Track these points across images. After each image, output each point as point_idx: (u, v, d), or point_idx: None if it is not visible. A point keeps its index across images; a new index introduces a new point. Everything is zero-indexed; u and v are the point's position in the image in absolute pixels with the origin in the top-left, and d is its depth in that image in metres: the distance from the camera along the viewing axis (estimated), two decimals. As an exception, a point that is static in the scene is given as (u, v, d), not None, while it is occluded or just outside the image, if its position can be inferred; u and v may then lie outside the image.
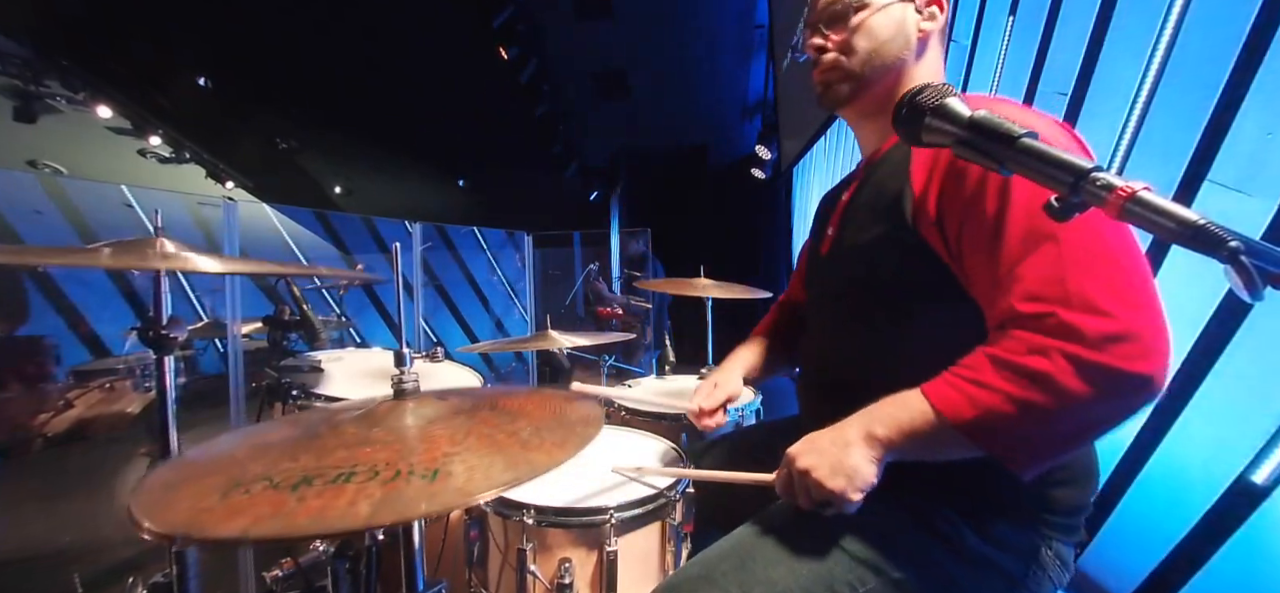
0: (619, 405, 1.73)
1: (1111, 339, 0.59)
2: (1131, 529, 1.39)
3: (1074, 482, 0.79)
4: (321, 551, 1.21)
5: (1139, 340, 0.59)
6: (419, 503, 0.53)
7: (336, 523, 0.50)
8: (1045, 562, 0.78)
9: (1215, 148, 1.20)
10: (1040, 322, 0.62)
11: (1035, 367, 0.61)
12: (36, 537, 2.38)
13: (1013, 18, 2.00)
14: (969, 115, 0.56)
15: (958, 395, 0.66)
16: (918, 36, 0.88)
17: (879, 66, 0.88)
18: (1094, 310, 0.59)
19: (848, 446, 0.71)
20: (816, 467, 0.72)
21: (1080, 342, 0.59)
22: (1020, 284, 0.64)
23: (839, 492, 0.70)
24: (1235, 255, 0.40)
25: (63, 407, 2.88)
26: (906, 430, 0.69)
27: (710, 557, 0.81)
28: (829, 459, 0.72)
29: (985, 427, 0.64)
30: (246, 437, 0.71)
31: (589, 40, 6.11)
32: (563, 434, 0.67)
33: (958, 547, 0.77)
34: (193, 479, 0.59)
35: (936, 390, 0.68)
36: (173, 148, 6.34)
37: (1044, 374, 0.60)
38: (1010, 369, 0.63)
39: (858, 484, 0.70)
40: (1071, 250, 0.62)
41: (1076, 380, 0.59)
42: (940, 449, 0.69)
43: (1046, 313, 0.61)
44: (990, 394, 0.63)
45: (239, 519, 0.50)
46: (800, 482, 0.74)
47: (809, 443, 0.76)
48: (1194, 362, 1.22)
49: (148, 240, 0.97)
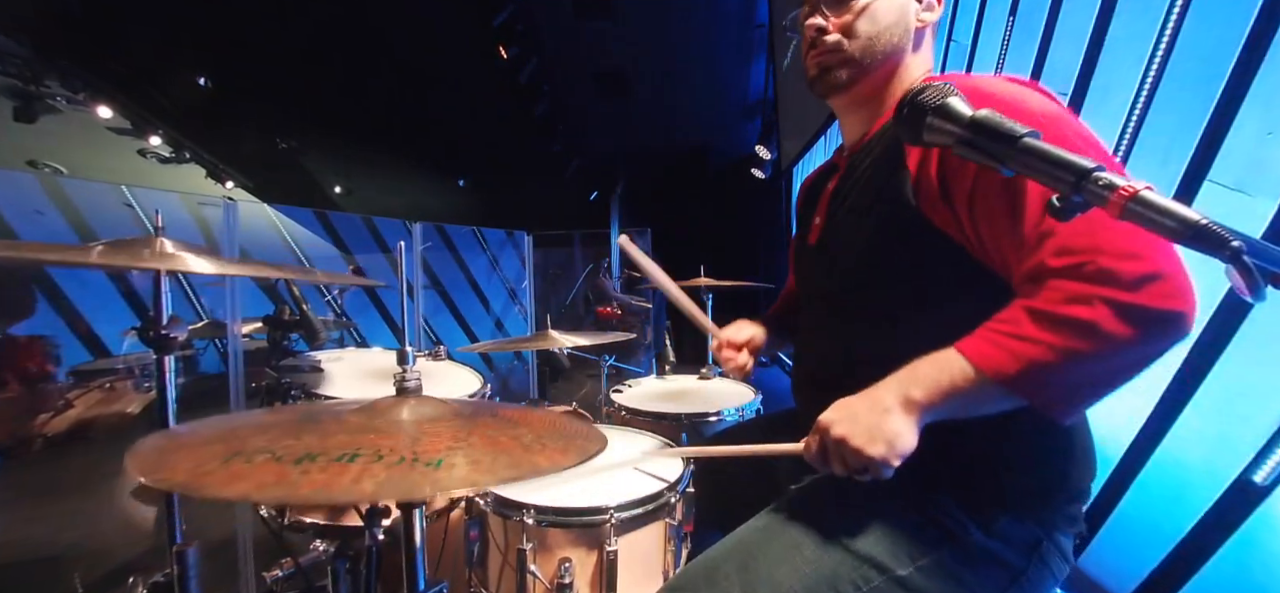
0: (620, 407, 1.73)
1: (1147, 279, 0.60)
2: (1131, 529, 1.39)
3: (1069, 475, 0.79)
4: (322, 551, 1.21)
5: (1171, 278, 0.60)
6: (424, 486, 0.54)
7: (341, 496, 0.50)
8: (1046, 554, 0.78)
9: (1215, 148, 1.20)
10: (1077, 270, 0.62)
11: (1078, 315, 0.62)
12: (37, 537, 2.38)
13: (1013, 18, 2.00)
14: (970, 114, 0.56)
15: (999, 352, 0.66)
16: (916, 27, 0.88)
17: (878, 53, 0.87)
18: (1126, 255, 0.61)
19: (887, 411, 0.70)
20: (853, 434, 0.71)
21: (1118, 285, 0.60)
22: (1052, 239, 0.65)
23: (879, 458, 0.69)
24: (1237, 255, 0.40)
25: (63, 407, 2.87)
26: (946, 391, 0.68)
27: (713, 557, 0.80)
28: (865, 424, 0.71)
29: (1030, 379, 0.65)
30: (243, 419, 0.72)
31: (589, 40, 6.11)
32: (564, 443, 0.67)
33: (961, 542, 0.77)
34: (190, 447, 0.59)
35: (975, 348, 0.67)
36: (173, 148, 6.33)
37: (1088, 322, 0.61)
38: (1052, 320, 0.63)
39: (898, 449, 0.69)
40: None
41: (1119, 324, 0.60)
42: (982, 405, 0.69)
43: (1082, 262, 0.62)
44: (1033, 347, 0.64)
45: (240, 484, 0.50)
46: (836, 449, 0.73)
47: (844, 408, 0.74)
48: (1194, 362, 1.22)
49: (148, 240, 0.97)
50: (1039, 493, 0.78)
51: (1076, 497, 0.81)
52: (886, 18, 0.86)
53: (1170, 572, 1.27)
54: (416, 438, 0.63)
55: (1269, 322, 1.08)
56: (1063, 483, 0.79)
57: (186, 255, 0.96)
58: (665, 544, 1.15)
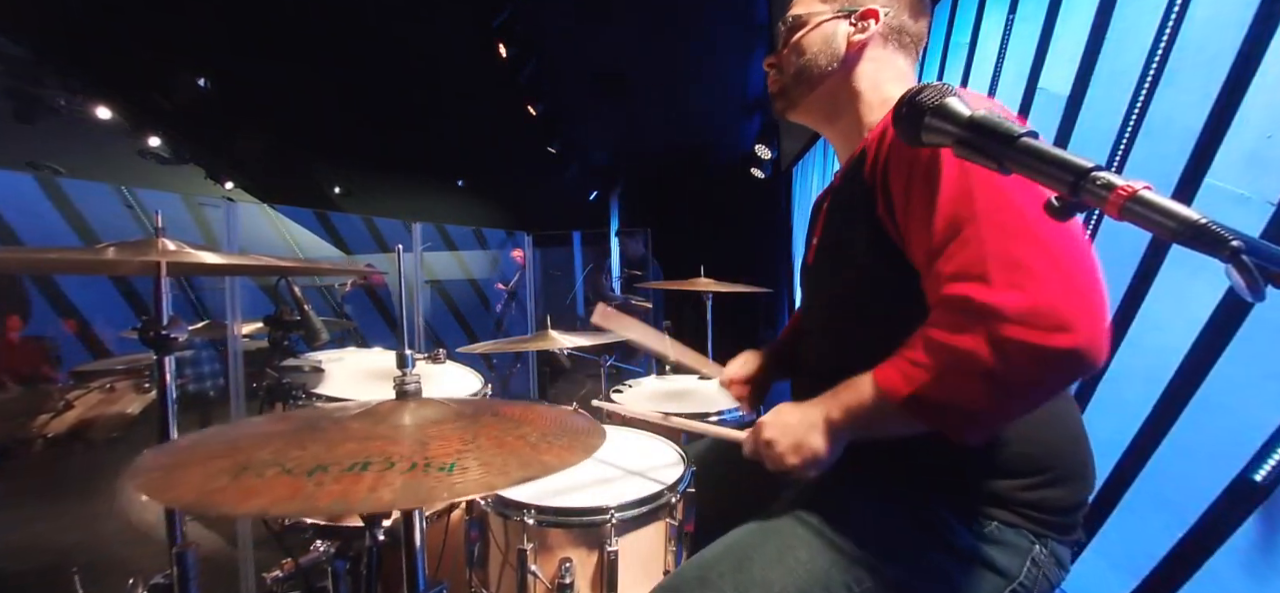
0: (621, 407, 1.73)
1: (1029, 315, 0.60)
2: (1131, 529, 1.39)
3: (1064, 481, 0.80)
4: (322, 551, 1.21)
5: (1058, 314, 0.59)
6: (440, 491, 0.54)
7: (359, 507, 0.50)
8: (1040, 561, 0.78)
9: (1215, 148, 1.20)
10: (963, 301, 0.64)
11: (958, 344, 0.63)
12: (37, 537, 2.39)
13: (1012, 17, 2.00)
14: (969, 115, 0.56)
15: (896, 374, 0.69)
16: (848, 47, 0.93)
17: (805, 78, 0.95)
18: (1012, 286, 0.61)
19: (812, 428, 0.77)
20: (779, 441, 0.79)
21: (999, 319, 0.61)
22: (947, 262, 0.66)
23: (795, 467, 0.77)
24: (1237, 255, 0.40)
25: (63, 407, 2.87)
26: (855, 411, 0.73)
27: (708, 557, 0.81)
28: (792, 437, 0.78)
29: (921, 403, 0.67)
30: (243, 429, 0.71)
31: (589, 40, 6.11)
32: (568, 440, 0.68)
33: (952, 546, 0.77)
34: (194, 463, 0.58)
35: (882, 371, 0.71)
36: (173, 148, 6.33)
37: (966, 352, 0.62)
38: (937, 347, 0.65)
39: (815, 464, 0.77)
40: (991, 228, 0.64)
41: (996, 357, 0.61)
42: (888, 426, 0.72)
43: (967, 292, 0.63)
44: (921, 372, 0.66)
45: (255, 500, 0.50)
46: (764, 451, 0.81)
47: (777, 415, 0.82)
48: (1194, 361, 1.22)
49: (148, 241, 0.97)
50: (1034, 503, 0.78)
51: (1072, 508, 0.81)
52: (811, 47, 0.95)
53: (1171, 572, 1.27)
54: (424, 443, 0.63)
55: (1269, 321, 1.08)
56: (1058, 495, 0.79)
57: (187, 255, 0.96)
58: (666, 544, 1.15)
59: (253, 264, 1.17)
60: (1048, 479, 0.78)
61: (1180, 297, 1.27)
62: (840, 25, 0.93)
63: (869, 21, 0.92)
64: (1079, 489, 0.81)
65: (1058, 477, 0.79)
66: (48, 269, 3.38)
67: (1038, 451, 0.79)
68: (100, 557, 2.18)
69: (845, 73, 0.94)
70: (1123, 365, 1.41)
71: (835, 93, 0.95)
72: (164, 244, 0.95)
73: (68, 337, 3.99)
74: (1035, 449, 0.78)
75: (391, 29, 5.47)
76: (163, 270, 0.93)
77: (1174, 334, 1.26)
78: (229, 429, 0.71)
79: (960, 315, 0.63)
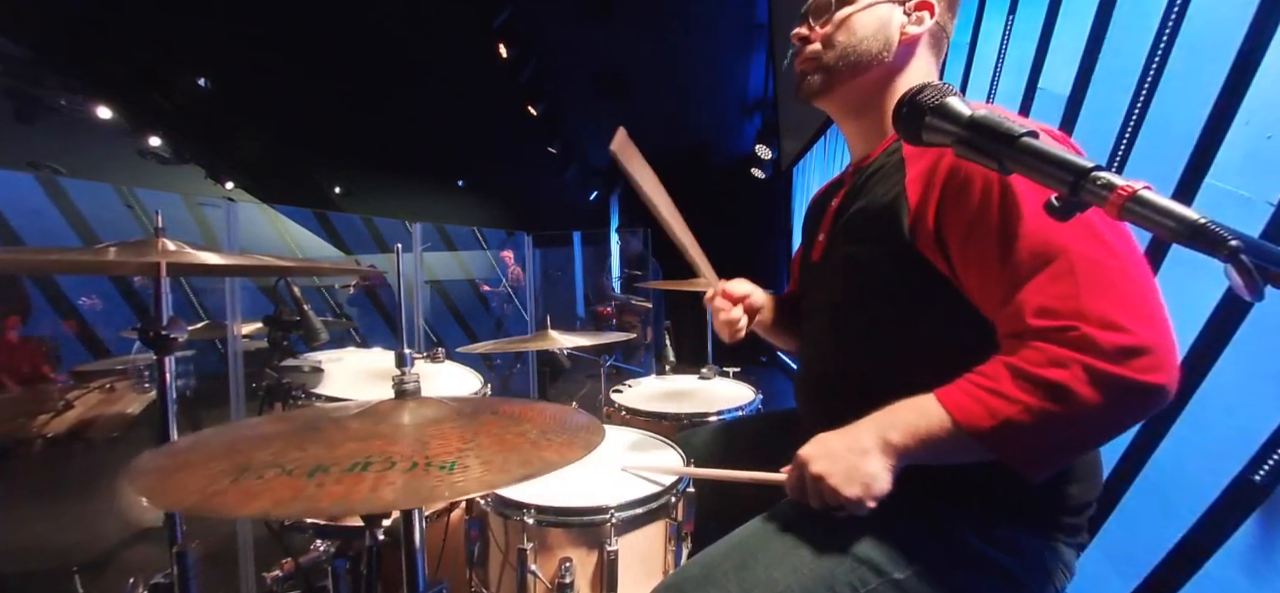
0: (620, 407, 1.73)
1: (1128, 352, 0.60)
2: (1132, 529, 1.39)
3: (1073, 483, 0.79)
4: (322, 551, 1.21)
5: (1153, 353, 0.60)
6: (442, 491, 0.53)
7: (361, 508, 0.50)
8: (1048, 565, 0.78)
9: (1215, 148, 1.20)
10: (1060, 335, 0.63)
11: (1055, 378, 0.62)
12: (37, 537, 2.39)
13: (1012, 17, 2.00)
14: (970, 115, 0.56)
15: (976, 406, 0.66)
16: (900, 39, 0.88)
17: (853, 62, 0.89)
18: (1110, 326, 0.61)
19: (865, 453, 0.71)
20: (831, 473, 0.72)
21: (1099, 354, 0.60)
22: (1036, 298, 0.65)
23: (854, 498, 0.71)
24: (1236, 255, 0.40)
25: (63, 407, 2.87)
26: (923, 438, 0.69)
27: (711, 556, 0.80)
28: (844, 465, 0.72)
29: (1003, 436, 0.65)
30: (241, 430, 0.70)
31: (589, 40, 6.11)
32: (568, 436, 0.67)
33: (960, 549, 0.77)
34: (193, 466, 0.58)
35: (954, 399, 0.68)
36: (173, 148, 6.33)
37: (1064, 387, 0.61)
38: (1029, 381, 0.64)
39: (874, 492, 0.71)
40: (1084, 265, 0.63)
41: (1094, 392, 0.60)
42: (956, 455, 0.70)
43: (1066, 326, 0.62)
44: (1009, 405, 0.64)
45: (257, 502, 0.49)
46: (814, 486, 0.74)
47: (821, 445, 0.75)
48: (1194, 361, 1.22)
49: (148, 241, 0.97)
50: (1040, 503, 0.78)
51: (1079, 509, 0.81)
52: (864, 29, 0.88)
53: (1171, 572, 1.27)
54: (424, 441, 0.62)
55: (1269, 321, 1.08)
56: (1065, 494, 0.79)
57: (187, 255, 0.96)
58: (666, 544, 1.15)
59: (253, 264, 1.17)
60: (1057, 481, 0.78)
61: (1181, 295, 1.27)
62: (896, 12, 0.88)
63: (924, 14, 0.88)
64: (1089, 488, 0.81)
65: (1067, 478, 0.78)
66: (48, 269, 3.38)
67: None
68: (100, 557, 2.18)
69: (892, 68, 0.89)
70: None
71: (875, 87, 0.90)
72: (164, 244, 0.95)
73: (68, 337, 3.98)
74: None
75: (392, 29, 5.47)
76: (163, 270, 0.93)
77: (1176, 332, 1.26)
78: (228, 430, 0.71)
79: (1058, 348, 0.62)
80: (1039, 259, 0.65)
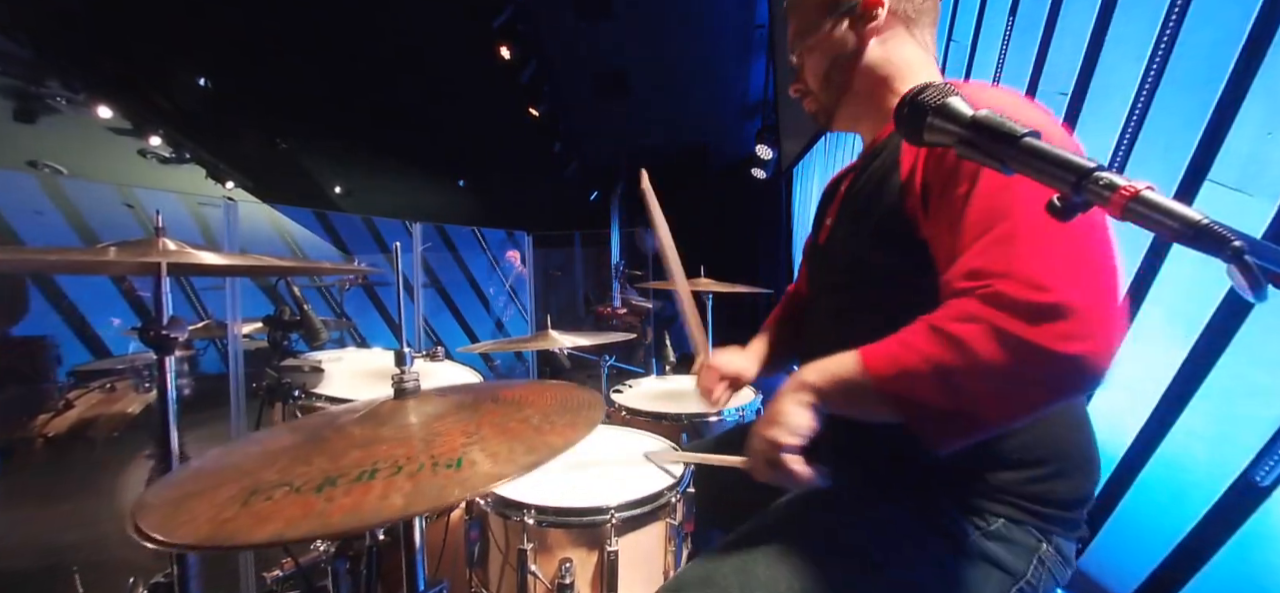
0: (620, 407, 1.73)
1: (1040, 311, 0.56)
2: (1132, 529, 1.39)
3: (1069, 473, 0.79)
4: (322, 551, 1.21)
5: (1074, 318, 0.56)
6: (452, 490, 0.53)
7: (374, 518, 0.49)
8: (1046, 558, 0.78)
9: (1215, 148, 1.20)
10: (974, 292, 0.61)
11: (957, 332, 0.60)
12: (37, 537, 2.38)
13: (1013, 18, 2.00)
14: (971, 115, 0.56)
15: (883, 351, 0.66)
16: (860, 44, 0.90)
17: (835, 86, 0.93)
18: (1029, 284, 0.57)
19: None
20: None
21: (1008, 310, 0.57)
22: (968, 258, 0.64)
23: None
24: (1239, 255, 0.40)
25: (63, 407, 2.87)
26: (835, 378, 0.70)
27: (711, 557, 0.80)
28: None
29: (900, 386, 0.64)
30: (243, 448, 0.69)
31: (589, 40, 6.11)
32: (571, 417, 0.67)
33: (959, 543, 0.77)
34: (201, 492, 0.56)
35: (871, 348, 0.68)
36: (173, 148, 6.33)
37: (962, 340, 0.59)
38: (935, 331, 0.62)
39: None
40: (1025, 228, 0.61)
41: (995, 349, 0.57)
42: (866, 405, 0.68)
43: (983, 285, 0.61)
44: (910, 354, 0.64)
45: (269, 525, 0.48)
46: (753, 448, 0.75)
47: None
48: (1196, 361, 1.22)
49: (148, 241, 0.96)
50: (1039, 497, 0.78)
51: (1078, 502, 0.81)
52: (826, 60, 0.92)
53: (1172, 572, 1.27)
54: (427, 440, 0.62)
55: (1270, 321, 1.08)
56: (1063, 488, 0.79)
57: (187, 255, 0.96)
58: (666, 544, 1.15)
59: (253, 264, 1.17)
60: (1053, 471, 0.78)
61: (1182, 296, 1.27)
62: (841, 26, 0.90)
63: (875, 11, 0.89)
64: (1084, 483, 0.81)
65: (1063, 468, 0.78)
66: (48, 269, 3.38)
67: (1041, 440, 0.78)
68: (100, 557, 2.18)
69: (874, 67, 0.90)
70: (1123, 365, 1.41)
71: (867, 90, 0.92)
72: (164, 244, 0.95)
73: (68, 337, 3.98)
74: (1039, 439, 0.78)
75: (393, 30, 5.47)
76: (163, 270, 0.93)
77: (1175, 334, 1.26)
78: (230, 451, 0.69)
79: (969, 303, 0.61)
80: (986, 222, 0.64)
